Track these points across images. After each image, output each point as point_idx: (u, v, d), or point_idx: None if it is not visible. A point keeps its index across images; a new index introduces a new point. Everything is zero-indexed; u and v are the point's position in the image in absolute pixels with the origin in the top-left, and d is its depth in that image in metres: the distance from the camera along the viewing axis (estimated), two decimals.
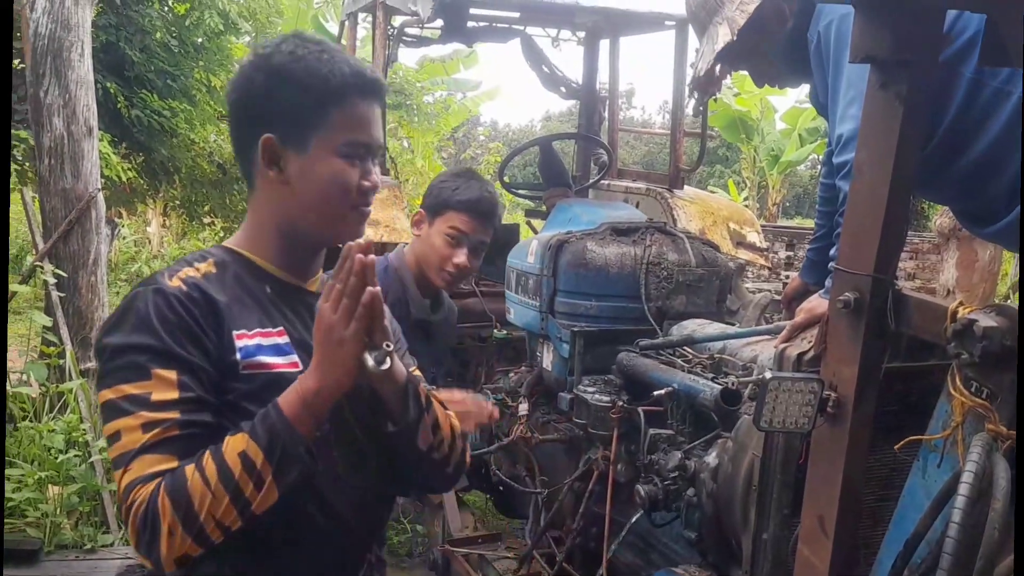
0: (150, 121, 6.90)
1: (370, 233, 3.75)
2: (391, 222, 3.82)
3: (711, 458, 2.14)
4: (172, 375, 1.26)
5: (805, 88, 2.43)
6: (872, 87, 1.39)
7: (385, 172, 4.20)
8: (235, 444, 1.25)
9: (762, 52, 2.25)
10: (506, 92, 15.17)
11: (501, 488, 3.32)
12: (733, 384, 2.11)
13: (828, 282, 2.09)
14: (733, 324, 3.06)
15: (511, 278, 3.27)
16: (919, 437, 1.37)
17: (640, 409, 2.44)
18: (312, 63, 1.37)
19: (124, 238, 10.42)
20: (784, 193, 19.27)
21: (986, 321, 1.23)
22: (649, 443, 2.37)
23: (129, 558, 3.20)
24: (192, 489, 1.21)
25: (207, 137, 7.43)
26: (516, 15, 4.65)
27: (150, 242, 11.46)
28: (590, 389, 2.68)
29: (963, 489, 1.13)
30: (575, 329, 2.84)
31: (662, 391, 2.37)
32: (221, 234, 8.14)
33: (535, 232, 4.28)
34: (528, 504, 3.15)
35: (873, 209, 1.39)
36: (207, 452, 1.24)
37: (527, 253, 3.14)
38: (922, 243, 8.96)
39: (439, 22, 4.31)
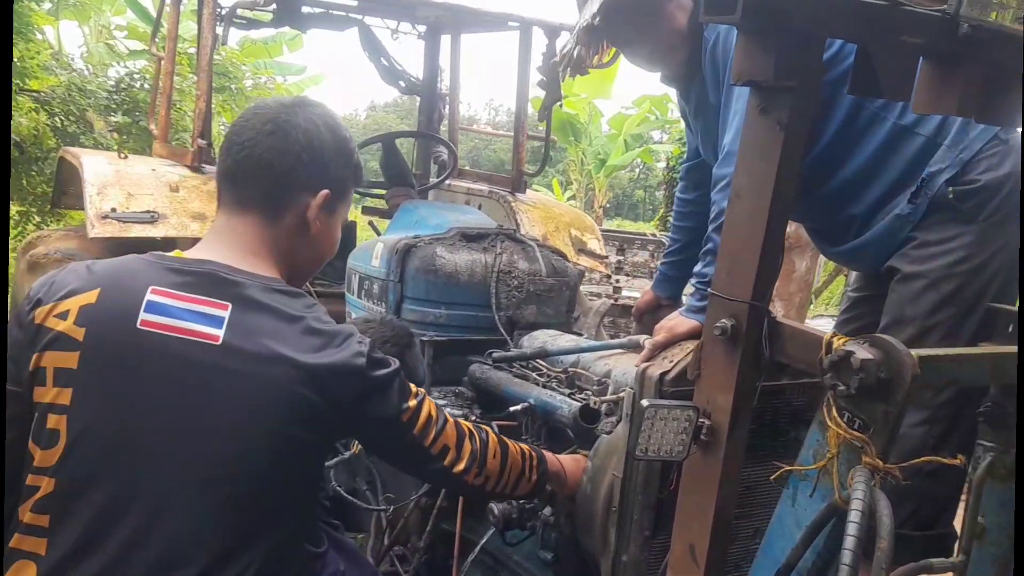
0: None
1: (195, 228, 3.49)
2: None
3: None
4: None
5: (632, 94, 2.44)
6: (752, 111, 1.38)
7: (211, 161, 3.91)
8: None
9: (645, 31, 2.21)
10: (332, 79, 14.78)
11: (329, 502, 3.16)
12: (594, 403, 2.08)
13: (688, 299, 2.10)
14: (580, 334, 3.06)
15: (352, 281, 3.12)
16: (792, 468, 1.37)
17: (494, 424, 2.37)
18: (353, 145, 1.66)
19: None
20: (609, 196, 19.93)
21: (862, 353, 1.23)
22: None
23: None
24: None
25: None
26: (354, 3, 4.47)
27: None
28: (441, 402, 2.59)
29: (851, 529, 1.13)
30: (424, 338, 2.74)
31: (518, 406, 2.32)
32: (16, 218, 7.39)
33: (377, 232, 4.13)
34: (369, 520, 3.02)
35: (751, 236, 1.38)
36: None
37: (371, 256, 3.00)
38: None
39: (272, 4, 4.07)
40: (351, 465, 3.13)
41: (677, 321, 1.97)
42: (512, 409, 2.32)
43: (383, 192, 3.92)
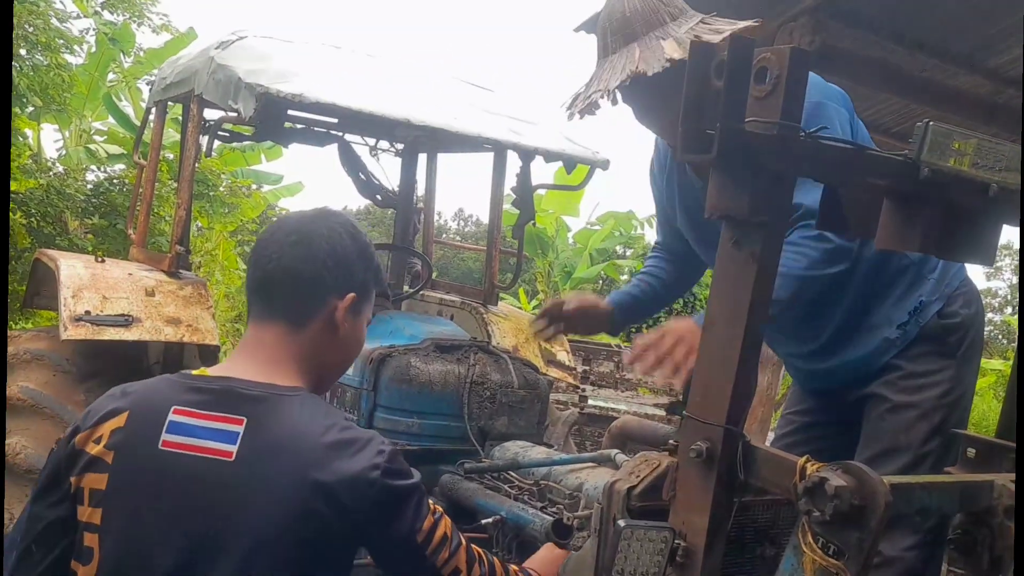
0: None
1: (170, 332, 3.48)
2: (194, 321, 3.56)
3: None
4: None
5: (597, 210, 2.42)
6: (725, 243, 1.45)
7: (187, 267, 3.94)
8: None
9: (677, 92, 2.15)
10: (307, 187, 14.99)
11: None
12: (567, 519, 2.08)
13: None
14: (551, 445, 3.07)
15: None
16: None
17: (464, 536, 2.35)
18: (373, 249, 1.71)
19: None
20: None
21: (836, 480, 1.27)
22: None
23: None
24: None
25: None
26: (335, 121, 4.61)
27: None
28: None
29: None
30: (396, 447, 2.73)
31: (489, 519, 2.30)
32: None
33: None
34: None
35: (725, 362, 1.43)
36: None
37: None
38: None
39: (257, 121, 4.17)
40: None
41: (683, 324, 1.93)
42: (484, 521, 2.31)
43: None
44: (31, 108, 8.34)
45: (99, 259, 3.70)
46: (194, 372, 1.59)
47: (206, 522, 1.42)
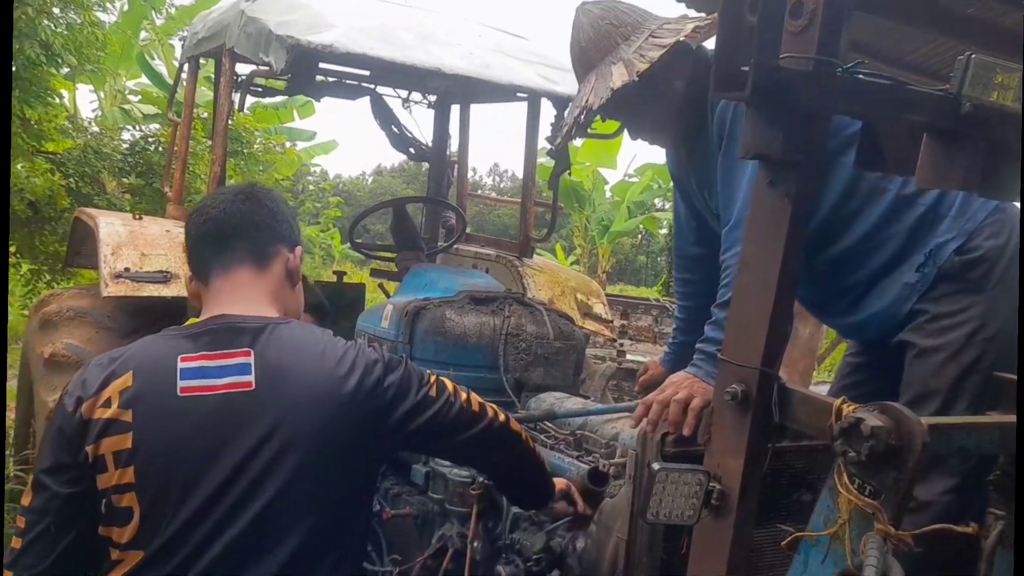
0: None
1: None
2: None
3: (580, 541, 2.10)
4: None
5: (634, 162, 2.44)
6: (761, 184, 1.43)
7: None
8: None
9: (646, 103, 2.17)
10: (340, 143, 15.04)
11: None
12: (603, 466, 2.09)
13: (699, 361, 2.08)
14: (587, 397, 3.07)
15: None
16: (803, 534, 1.38)
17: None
18: None
19: None
20: (613, 262, 20.05)
21: (872, 421, 1.25)
22: (511, 521, 2.30)
23: None
24: None
25: (18, 172, 6.80)
26: (367, 73, 4.59)
27: None
28: (447, 463, 2.59)
29: None
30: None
31: None
32: (28, 276, 7.44)
33: (387, 294, 4.17)
34: None
35: (760, 303, 1.41)
36: None
37: (381, 318, 3.04)
38: None
39: (288, 74, 4.17)
40: None
41: (681, 379, 1.97)
42: None
43: (393, 256, 3.97)
44: (67, 69, 8.39)
45: (137, 217, 3.75)
46: (182, 326, 1.64)
47: (243, 451, 1.48)
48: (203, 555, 1.46)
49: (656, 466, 1.44)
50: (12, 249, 7.13)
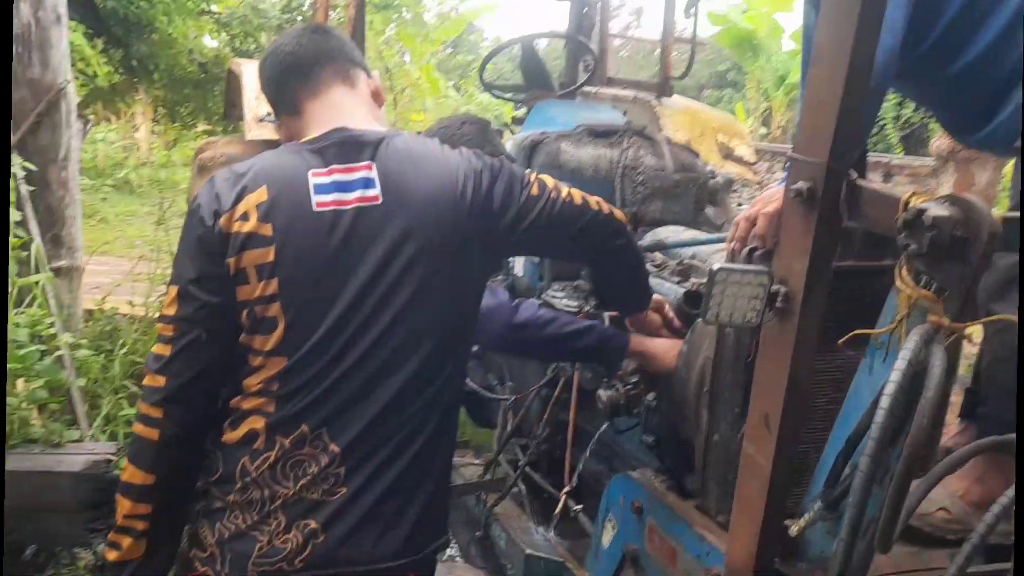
0: (126, 12, 6.58)
1: None
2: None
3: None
4: None
5: None
6: None
7: None
8: None
9: None
10: (504, 5, 14.82)
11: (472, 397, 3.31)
12: (701, 288, 2.06)
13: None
14: (711, 231, 3.00)
15: None
16: (863, 331, 1.32)
17: (605, 314, 2.40)
18: None
19: (112, 143, 10.20)
20: (789, 116, 18.93)
21: (936, 211, 1.16)
22: None
23: (95, 453, 3.19)
24: None
25: (186, 33, 7.15)
26: None
27: (139, 148, 11.26)
28: (559, 294, 2.64)
29: (894, 376, 1.09)
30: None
31: None
32: (205, 139, 7.95)
33: (512, 134, 4.18)
34: (497, 414, 3.14)
35: (831, 96, 1.31)
36: None
37: None
38: (922, 167, 8.82)
39: None
40: (484, 363, 3.27)
41: (771, 193, 1.87)
42: None
43: (523, 96, 3.95)
44: None
45: None
46: (299, 142, 1.67)
47: (375, 263, 1.55)
48: (343, 360, 1.52)
49: (715, 266, 1.41)
50: (188, 110, 7.61)
